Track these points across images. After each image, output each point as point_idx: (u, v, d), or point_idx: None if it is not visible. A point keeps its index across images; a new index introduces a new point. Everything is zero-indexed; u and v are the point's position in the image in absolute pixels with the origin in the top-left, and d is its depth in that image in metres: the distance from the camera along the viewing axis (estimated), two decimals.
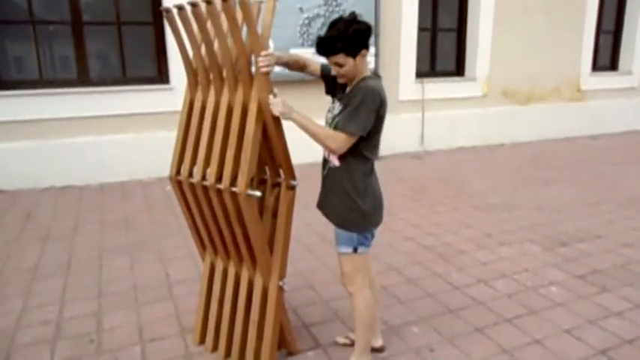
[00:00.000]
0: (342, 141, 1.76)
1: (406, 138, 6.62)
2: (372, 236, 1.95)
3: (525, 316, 2.54)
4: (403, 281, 2.93)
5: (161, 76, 5.38)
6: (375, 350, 2.18)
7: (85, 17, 5.09)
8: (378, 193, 1.92)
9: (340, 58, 1.73)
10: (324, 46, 1.73)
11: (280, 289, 2.02)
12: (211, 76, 2.00)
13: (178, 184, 2.12)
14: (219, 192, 1.92)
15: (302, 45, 5.56)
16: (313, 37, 5.61)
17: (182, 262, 3.24)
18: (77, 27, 5.06)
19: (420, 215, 4.14)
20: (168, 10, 1.98)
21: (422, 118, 6.63)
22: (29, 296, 2.80)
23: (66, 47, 5.11)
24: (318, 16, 5.58)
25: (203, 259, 2.32)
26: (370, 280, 2.08)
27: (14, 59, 5.05)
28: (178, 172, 2.11)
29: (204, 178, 1.98)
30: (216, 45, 1.92)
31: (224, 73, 1.94)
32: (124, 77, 5.32)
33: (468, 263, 3.18)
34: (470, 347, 2.27)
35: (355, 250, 1.89)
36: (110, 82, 5.21)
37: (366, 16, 5.74)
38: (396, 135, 6.51)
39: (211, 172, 1.94)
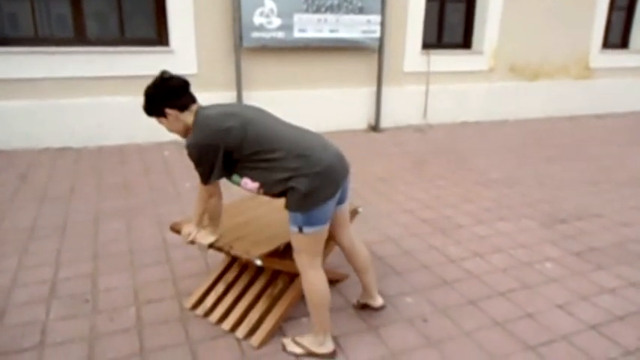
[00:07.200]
0: (205, 190, 1.90)
1: (409, 110, 6.52)
2: (326, 215, 1.81)
3: (519, 290, 2.55)
4: (400, 252, 2.94)
5: (161, 38, 5.23)
6: (373, 309, 2.24)
7: None
8: (314, 172, 1.74)
9: (157, 120, 1.93)
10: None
11: None
12: None
13: None
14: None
15: (306, 10, 5.38)
16: (318, 3, 5.43)
17: None
18: None
19: (421, 188, 4.11)
20: None
21: (426, 91, 6.51)
22: (25, 256, 2.80)
23: (62, 5, 4.95)
24: None
25: None
26: (353, 253, 2.11)
27: (9, 15, 4.90)
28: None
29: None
30: None
31: None
32: (122, 38, 5.18)
33: (466, 237, 3.18)
34: (462, 318, 2.28)
35: (300, 229, 1.81)
36: (108, 43, 5.08)
37: None
38: (399, 107, 6.41)
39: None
